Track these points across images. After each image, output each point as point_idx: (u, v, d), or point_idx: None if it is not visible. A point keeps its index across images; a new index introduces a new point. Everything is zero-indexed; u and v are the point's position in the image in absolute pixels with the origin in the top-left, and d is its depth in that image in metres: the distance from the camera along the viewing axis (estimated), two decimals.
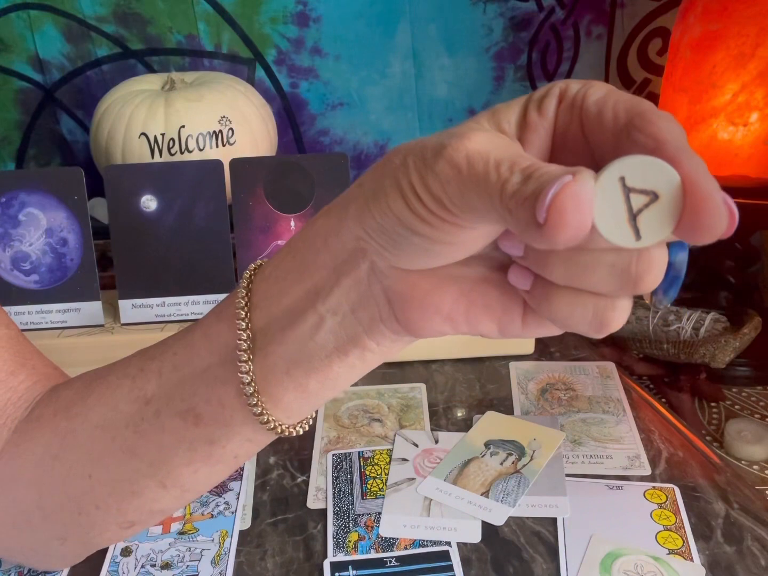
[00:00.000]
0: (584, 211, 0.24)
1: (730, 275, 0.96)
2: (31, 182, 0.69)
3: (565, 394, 0.66)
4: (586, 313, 0.28)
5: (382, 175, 0.30)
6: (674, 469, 0.57)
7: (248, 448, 0.40)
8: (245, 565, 0.50)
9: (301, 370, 0.35)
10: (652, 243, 0.25)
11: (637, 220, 0.25)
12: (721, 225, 0.24)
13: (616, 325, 0.28)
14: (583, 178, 0.24)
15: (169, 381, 0.39)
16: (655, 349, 0.87)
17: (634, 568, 0.48)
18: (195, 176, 0.70)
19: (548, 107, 0.30)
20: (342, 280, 0.33)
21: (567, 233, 0.24)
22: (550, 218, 0.24)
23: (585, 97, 0.29)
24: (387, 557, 0.50)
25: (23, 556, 0.48)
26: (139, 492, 0.41)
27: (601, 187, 0.24)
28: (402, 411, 0.65)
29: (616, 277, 0.26)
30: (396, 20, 1.00)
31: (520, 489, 0.55)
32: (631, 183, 0.25)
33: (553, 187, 0.24)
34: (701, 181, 0.24)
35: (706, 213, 0.24)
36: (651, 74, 1.05)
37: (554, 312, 0.28)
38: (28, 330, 0.71)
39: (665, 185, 0.25)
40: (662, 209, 0.25)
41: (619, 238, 0.25)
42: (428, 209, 0.28)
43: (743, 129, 0.83)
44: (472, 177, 0.26)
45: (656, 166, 0.25)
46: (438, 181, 0.27)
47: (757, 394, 0.88)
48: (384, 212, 0.30)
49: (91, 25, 0.98)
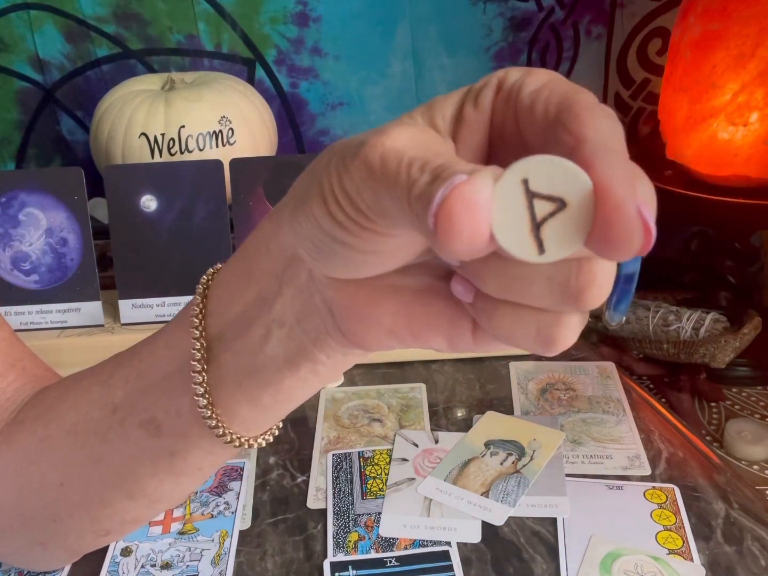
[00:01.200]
0: (477, 217, 0.21)
1: (730, 275, 0.96)
2: (31, 182, 0.69)
3: (565, 394, 0.66)
4: (529, 330, 0.25)
5: (310, 177, 0.28)
6: (674, 469, 0.57)
7: (212, 461, 0.39)
8: (245, 565, 0.50)
9: (253, 382, 0.34)
10: (557, 257, 0.22)
11: (541, 230, 0.21)
12: (634, 241, 0.21)
13: (565, 342, 0.25)
14: (478, 178, 0.21)
15: (134, 389, 0.38)
16: (655, 349, 0.87)
17: (634, 568, 0.48)
18: (195, 176, 0.70)
19: (484, 99, 0.26)
20: (284, 289, 0.31)
21: (460, 242, 0.21)
22: (439, 225, 0.21)
23: (521, 87, 0.26)
24: (387, 557, 0.50)
25: (9, 558, 0.48)
26: (108, 502, 0.41)
27: (501, 191, 0.21)
28: (402, 411, 0.65)
29: (555, 291, 0.23)
30: (396, 20, 1.00)
31: (520, 489, 0.55)
32: (535, 187, 0.21)
33: (441, 188, 0.21)
34: (614, 187, 0.20)
35: (615, 226, 0.20)
36: (651, 74, 1.05)
37: (495, 328, 0.26)
38: (28, 330, 0.71)
39: (575, 192, 0.21)
40: (570, 219, 0.21)
41: (520, 251, 0.21)
42: (346, 214, 0.26)
43: (743, 129, 0.83)
44: (385, 178, 0.23)
45: (565, 169, 0.21)
46: (353, 182, 0.25)
47: (757, 394, 0.88)
48: (308, 218, 0.27)
49: (91, 25, 0.97)
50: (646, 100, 1.07)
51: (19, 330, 0.71)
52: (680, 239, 1.15)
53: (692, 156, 0.89)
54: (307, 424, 0.64)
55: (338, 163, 0.26)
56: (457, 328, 0.28)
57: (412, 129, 0.25)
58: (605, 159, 0.21)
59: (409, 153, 0.23)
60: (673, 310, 0.87)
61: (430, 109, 0.27)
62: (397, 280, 0.29)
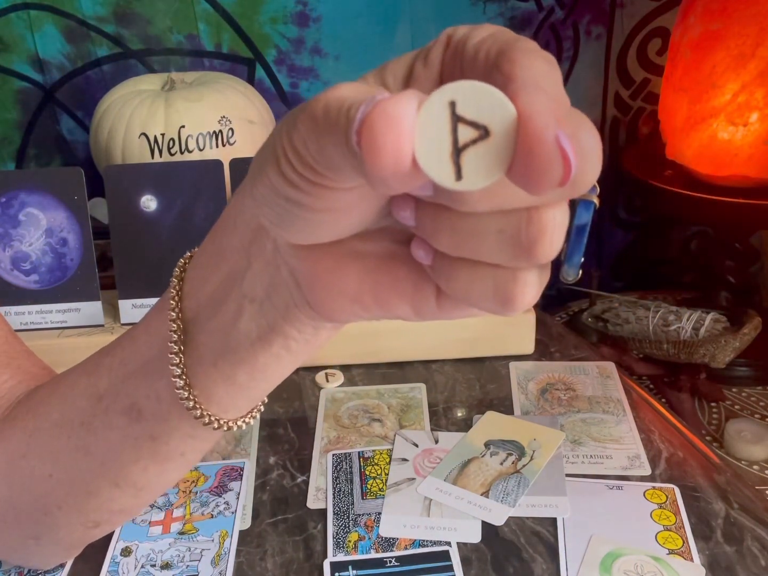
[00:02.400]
0: (399, 133, 0.20)
1: (730, 275, 0.96)
2: (31, 182, 0.69)
3: (565, 394, 0.66)
4: (486, 287, 0.25)
5: (266, 144, 0.28)
6: (674, 469, 0.57)
7: (193, 445, 0.39)
8: (245, 565, 0.50)
9: (227, 361, 0.34)
10: (475, 186, 0.21)
11: (461, 156, 0.21)
12: (552, 171, 0.20)
13: (524, 300, 0.25)
14: (402, 96, 0.21)
15: (117, 377, 0.38)
16: (655, 349, 0.87)
17: (634, 568, 0.48)
18: (195, 176, 0.70)
19: (434, 57, 0.27)
20: (253, 264, 0.32)
21: (383, 160, 0.20)
22: (363, 142, 0.20)
23: (466, 40, 0.26)
24: (387, 557, 0.50)
25: (5, 554, 0.48)
26: (95, 492, 0.41)
27: (426, 111, 0.21)
28: (402, 411, 0.65)
29: (507, 244, 0.23)
30: (396, 20, 1.00)
31: (520, 489, 0.55)
32: (462, 111, 0.21)
33: (363, 105, 0.21)
34: (534, 116, 0.20)
35: (532, 155, 0.20)
36: (651, 74, 1.05)
37: (453, 288, 0.26)
38: (28, 330, 0.71)
39: (499, 120, 0.21)
40: (492, 148, 0.21)
41: (438, 175, 0.21)
42: (296, 171, 0.25)
43: (743, 129, 0.83)
44: (327, 125, 0.23)
45: (492, 97, 0.21)
46: (300, 137, 0.24)
47: (757, 394, 0.88)
48: (263, 182, 0.27)
49: (91, 25, 0.97)
50: (646, 100, 1.07)
51: (19, 330, 0.71)
52: (680, 239, 1.15)
53: (692, 156, 0.89)
54: (307, 424, 0.64)
55: (288, 122, 0.25)
56: (420, 292, 0.28)
57: (358, 83, 0.25)
58: (530, 92, 0.21)
59: (350, 98, 0.23)
60: (673, 310, 0.87)
61: (382, 71, 0.27)
62: (359, 246, 0.29)
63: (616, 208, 1.15)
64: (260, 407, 0.39)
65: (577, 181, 0.21)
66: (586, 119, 0.22)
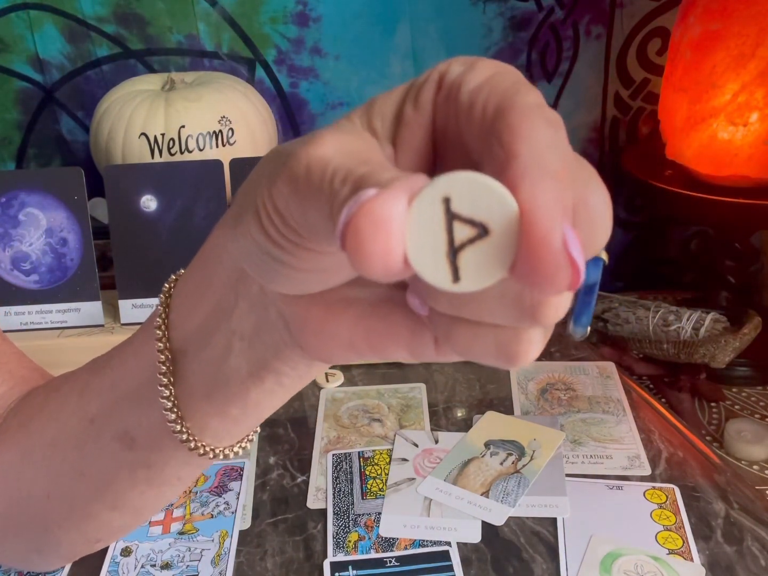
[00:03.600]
0: (388, 237, 0.18)
1: (730, 275, 0.96)
2: (31, 182, 0.69)
3: (565, 394, 0.66)
4: (488, 346, 0.23)
5: (249, 187, 0.26)
6: (674, 469, 0.57)
7: (189, 471, 0.38)
8: (245, 565, 0.50)
9: (219, 395, 0.33)
10: (475, 288, 0.19)
11: (458, 256, 0.19)
12: (559, 278, 0.19)
13: (527, 357, 0.23)
14: (389, 193, 0.19)
15: (108, 400, 0.37)
16: (655, 349, 0.87)
17: (634, 568, 0.48)
18: (195, 176, 0.70)
19: (424, 98, 0.24)
20: (240, 301, 0.30)
21: (371, 264, 0.19)
22: (347, 245, 0.19)
23: (461, 85, 0.23)
24: (387, 557, 0.50)
25: (10, 563, 0.48)
26: (94, 515, 0.40)
27: (418, 208, 0.19)
28: (402, 411, 0.65)
29: (509, 308, 0.21)
30: (396, 20, 1.00)
31: (520, 489, 0.55)
32: (457, 208, 0.19)
33: (348, 204, 0.19)
34: (539, 215, 0.18)
35: (537, 260, 0.18)
36: (650, 74, 1.05)
37: (452, 343, 0.23)
38: (28, 330, 0.71)
39: (499, 217, 0.19)
40: (493, 247, 0.19)
41: (432, 277, 0.19)
42: (279, 231, 0.24)
43: (743, 129, 0.83)
44: (309, 191, 0.22)
45: (490, 191, 0.19)
46: (282, 197, 0.23)
47: (757, 394, 0.88)
48: (245, 235, 0.26)
49: (91, 25, 0.97)
50: (646, 100, 1.07)
51: (19, 330, 0.71)
52: (680, 239, 1.15)
53: (692, 156, 0.89)
54: (307, 424, 0.64)
55: (270, 174, 0.24)
56: (418, 339, 0.26)
57: (343, 136, 0.23)
58: (534, 180, 0.19)
59: (334, 162, 0.21)
60: (673, 310, 0.87)
61: (369, 110, 0.25)
62: (351, 293, 0.27)
63: (616, 208, 1.15)
64: (257, 429, 0.37)
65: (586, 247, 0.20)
66: (595, 177, 0.21)
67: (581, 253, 0.19)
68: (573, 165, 0.20)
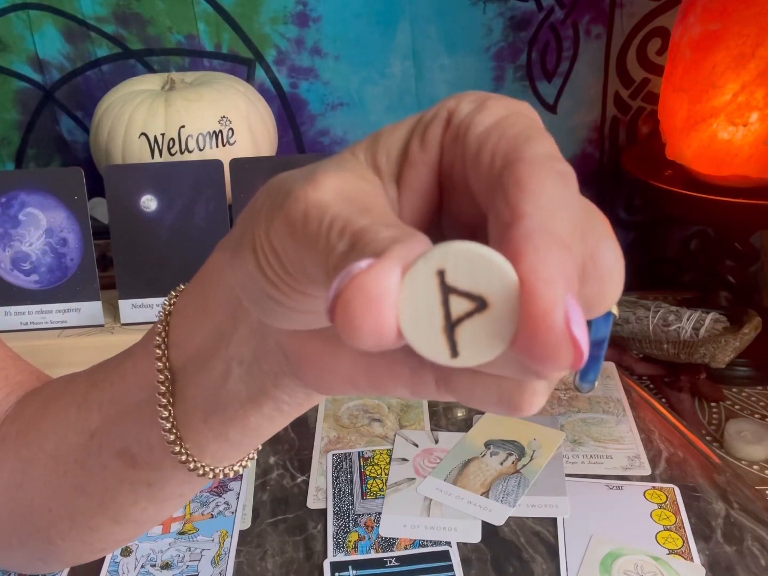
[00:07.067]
0: (379, 313, 0.18)
1: (730, 275, 0.96)
2: (31, 182, 0.69)
3: (565, 394, 0.66)
4: (490, 395, 0.22)
5: (249, 217, 0.25)
6: (674, 469, 0.57)
7: (191, 488, 0.38)
8: (245, 565, 0.50)
9: (217, 419, 0.32)
10: (472, 363, 0.19)
11: (456, 330, 0.18)
12: (560, 357, 0.18)
13: (531, 409, 0.22)
14: (381, 267, 0.18)
15: (107, 415, 0.37)
16: (655, 349, 0.87)
17: (634, 568, 0.48)
18: (195, 176, 0.70)
19: (432, 136, 0.23)
20: (239, 328, 0.30)
21: (361, 339, 0.18)
22: (337, 319, 0.18)
23: (469, 127, 0.22)
24: (387, 557, 0.50)
25: (15, 569, 0.48)
26: (96, 528, 0.40)
27: (412, 282, 0.18)
28: (402, 411, 0.65)
29: (511, 362, 0.20)
30: (396, 20, 0.99)
31: (520, 489, 0.55)
32: (453, 281, 0.18)
33: (338, 278, 0.18)
34: (540, 289, 0.17)
35: (537, 338, 0.17)
36: (650, 74, 1.05)
37: (453, 390, 0.23)
38: (28, 330, 0.71)
39: (498, 291, 0.18)
40: (491, 322, 0.18)
41: (429, 352, 0.18)
42: (275, 272, 0.23)
43: (743, 129, 0.83)
44: (305, 238, 0.21)
45: (488, 264, 0.18)
46: (279, 238, 0.22)
47: (757, 394, 0.88)
48: (242, 268, 0.25)
49: (91, 25, 0.97)
50: (645, 100, 1.07)
51: (19, 330, 0.71)
52: (680, 239, 1.15)
53: (692, 156, 0.89)
54: (307, 424, 0.64)
55: (268, 210, 0.23)
56: (418, 378, 0.24)
57: (344, 176, 0.22)
58: (537, 248, 0.18)
59: (332, 209, 0.20)
60: (673, 310, 0.86)
61: (374, 145, 0.23)
62: None
63: (616, 208, 1.15)
64: (259, 447, 0.37)
65: (595, 305, 0.19)
66: (607, 231, 0.20)
67: (585, 331, 0.18)
68: (583, 221, 0.20)
